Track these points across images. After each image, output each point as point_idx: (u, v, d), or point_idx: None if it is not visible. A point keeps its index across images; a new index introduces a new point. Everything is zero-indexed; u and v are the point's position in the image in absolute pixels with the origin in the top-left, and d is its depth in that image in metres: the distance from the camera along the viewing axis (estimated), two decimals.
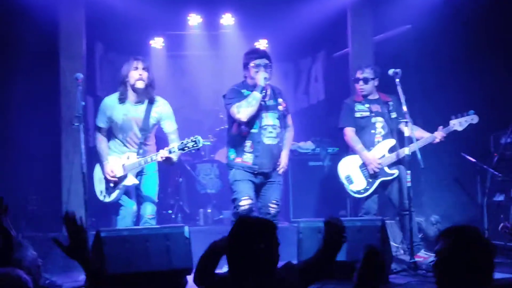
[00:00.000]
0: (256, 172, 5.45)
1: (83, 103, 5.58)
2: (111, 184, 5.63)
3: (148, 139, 5.71)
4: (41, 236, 6.21)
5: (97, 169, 5.75)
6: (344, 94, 7.72)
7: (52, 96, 6.97)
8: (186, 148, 5.29)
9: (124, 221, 5.64)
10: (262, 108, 5.45)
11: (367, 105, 6.11)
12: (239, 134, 5.49)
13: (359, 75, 6.20)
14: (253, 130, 5.45)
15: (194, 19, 9.25)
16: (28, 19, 6.79)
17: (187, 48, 9.76)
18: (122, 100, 5.64)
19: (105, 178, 5.64)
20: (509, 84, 6.35)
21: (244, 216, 2.93)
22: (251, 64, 5.50)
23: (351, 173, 6.07)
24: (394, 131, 6.04)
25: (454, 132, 5.87)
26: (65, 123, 6.75)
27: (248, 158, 5.46)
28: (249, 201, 5.32)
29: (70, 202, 6.30)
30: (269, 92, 5.56)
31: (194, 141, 5.26)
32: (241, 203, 5.31)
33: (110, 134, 5.74)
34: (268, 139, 5.47)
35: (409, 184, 5.64)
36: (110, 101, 5.70)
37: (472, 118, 5.82)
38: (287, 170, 6.05)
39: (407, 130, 5.68)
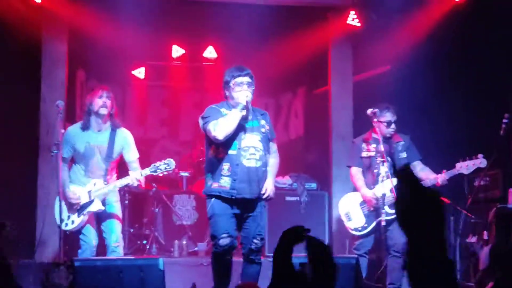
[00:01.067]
0: (234, 197, 4.92)
1: (63, 131, 5.59)
2: (74, 211, 5.59)
3: (112, 169, 5.75)
4: (13, 263, 6.14)
5: (57, 199, 5.63)
6: (323, 131, 7.83)
7: (31, 122, 6.96)
8: (158, 170, 5.44)
9: (85, 255, 5.61)
10: (243, 128, 4.99)
11: (374, 145, 6.08)
12: (216, 156, 5.00)
13: (390, 118, 6.04)
14: (231, 152, 4.95)
15: (177, 51, 9.35)
16: (11, 44, 6.80)
17: (168, 78, 9.83)
18: (85, 128, 5.68)
19: (67, 205, 5.58)
20: (485, 126, 6.47)
21: None
22: (232, 82, 5.04)
23: (351, 210, 6.14)
24: None
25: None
26: (43, 149, 6.74)
27: (225, 182, 4.93)
28: (229, 239, 4.90)
29: (44, 229, 6.24)
30: (251, 113, 5.10)
31: (167, 163, 5.45)
32: (220, 242, 4.89)
33: (72, 163, 5.75)
34: (249, 161, 4.95)
35: (383, 223, 5.69)
36: (73, 129, 5.75)
37: (481, 162, 5.71)
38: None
39: (383, 169, 5.74)
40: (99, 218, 5.72)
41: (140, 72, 9.61)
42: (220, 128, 4.88)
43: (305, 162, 8.81)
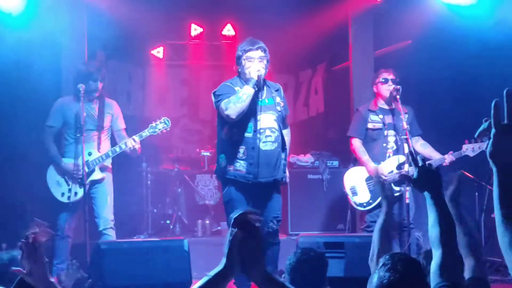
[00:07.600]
0: (250, 182, 4.84)
1: (85, 114, 5.65)
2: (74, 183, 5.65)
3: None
4: None
5: (51, 172, 5.75)
6: (344, 107, 7.77)
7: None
8: (157, 130, 5.61)
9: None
10: (258, 108, 4.83)
11: (380, 116, 5.88)
12: (231, 138, 4.89)
13: (387, 75, 5.88)
14: (246, 134, 4.84)
15: (195, 29, 9.31)
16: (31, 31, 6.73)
17: (187, 57, 9.79)
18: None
19: (68, 178, 5.67)
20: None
21: None
22: (244, 57, 4.89)
23: (356, 184, 5.94)
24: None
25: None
26: None
27: (241, 166, 4.84)
28: None
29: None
30: (265, 90, 4.96)
31: (163, 122, 5.64)
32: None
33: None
34: (265, 144, 4.85)
35: (408, 201, 5.65)
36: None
37: (486, 145, 5.69)
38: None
39: (406, 146, 5.67)
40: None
41: (159, 52, 9.57)
42: (232, 106, 4.75)
43: (326, 139, 8.76)
